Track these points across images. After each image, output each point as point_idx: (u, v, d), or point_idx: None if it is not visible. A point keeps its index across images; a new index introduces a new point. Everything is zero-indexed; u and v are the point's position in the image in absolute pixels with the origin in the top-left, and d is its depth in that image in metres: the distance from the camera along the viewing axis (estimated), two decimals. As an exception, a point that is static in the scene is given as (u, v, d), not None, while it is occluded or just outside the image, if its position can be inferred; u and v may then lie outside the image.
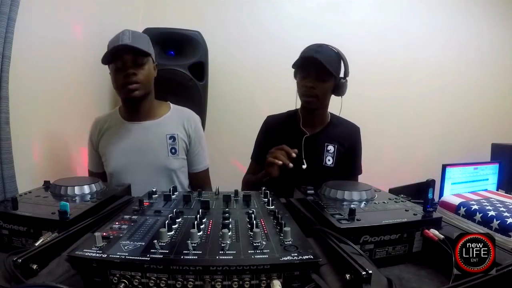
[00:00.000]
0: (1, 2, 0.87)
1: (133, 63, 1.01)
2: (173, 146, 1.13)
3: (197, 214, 0.61)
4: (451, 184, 1.30)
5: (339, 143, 1.19)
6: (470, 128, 2.39)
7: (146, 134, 1.12)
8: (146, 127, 1.13)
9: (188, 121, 1.17)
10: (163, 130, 1.13)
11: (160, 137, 1.12)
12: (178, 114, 1.18)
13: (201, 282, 0.44)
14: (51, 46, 1.22)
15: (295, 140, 1.16)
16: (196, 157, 1.20)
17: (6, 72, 0.90)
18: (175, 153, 1.13)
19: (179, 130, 1.15)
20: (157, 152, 1.11)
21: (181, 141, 1.14)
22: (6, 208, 0.62)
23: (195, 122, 1.19)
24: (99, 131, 1.16)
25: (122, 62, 1.00)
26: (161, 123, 1.14)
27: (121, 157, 1.11)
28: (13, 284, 0.42)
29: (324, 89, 1.10)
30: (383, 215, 0.62)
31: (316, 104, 1.13)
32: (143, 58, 1.03)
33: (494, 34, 2.35)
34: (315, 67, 1.05)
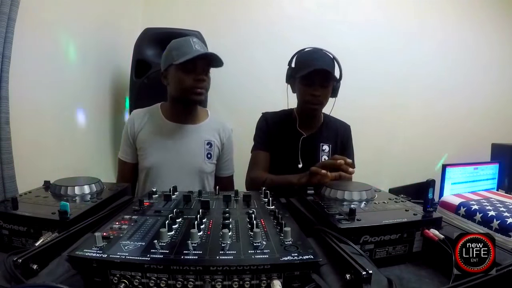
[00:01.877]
0: (1, 2, 0.87)
1: (205, 70, 1.09)
2: (209, 152, 1.20)
3: (197, 214, 0.61)
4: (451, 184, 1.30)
5: (333, 143, 1.24)
6: (470, 128, 2.39)
7: (186, 137, 1.18)
8: (187, 130, 1.19)
9: (223, 130, 1.25)
10: (202, 135, 1.20)
11: (198, 141, 1.19)
12: (215, 122, 1.26)
13: (201, 282, 0.44)
14: (51, 46, 1.22)
15: (292, 141, 1.20)
16: (225, 164, 1.27)
17: (6, 72, 0.90)
18: (210, 158, 1.20)
19: (215, 137, 1.22)
20: (195, 155, 1.17)
21: (216, 147, 1.21)
22: (6, 208, 0.62)
23: (229, 132, 1.27)
24: (139, 123, 1.19)
25: (195, 67, 1.06)
26: (200, 128, 1.21)
27: (161, 154, 1.15)
28: (13, 284, 0.42)
29: (327, 94, 1.15)
30: (383, 215, 0.62)
31: (320, 109, 1.19)
32: (209, 67, 1.11)
33: (494, 34, 2.35)
34: (321, 76, 1.09)
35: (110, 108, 1.82)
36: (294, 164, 1.17)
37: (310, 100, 1.13)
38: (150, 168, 1.15)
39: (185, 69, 1.06)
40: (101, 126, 1.73)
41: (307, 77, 1.10)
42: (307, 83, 1.12)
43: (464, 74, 2.36)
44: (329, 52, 1.14)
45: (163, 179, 1.14)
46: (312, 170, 0.90)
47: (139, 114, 1.21)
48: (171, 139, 1.16)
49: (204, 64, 1.08)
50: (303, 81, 1.12)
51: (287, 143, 1.20)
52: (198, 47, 1.07)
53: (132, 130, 1.19)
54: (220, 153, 1.25)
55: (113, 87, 1.84)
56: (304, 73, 1.08)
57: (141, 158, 1.18)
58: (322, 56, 1.12)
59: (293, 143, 1.19)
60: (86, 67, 1.53)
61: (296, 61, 1.17)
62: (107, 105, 1.79)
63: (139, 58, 1.70)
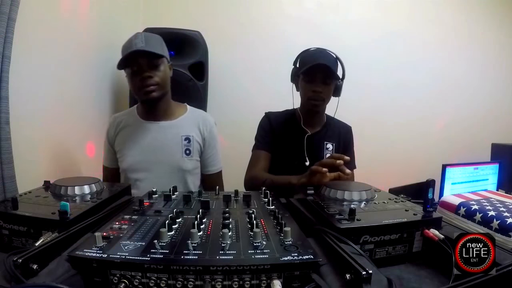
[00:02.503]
0: (1, 2, 0.87)
1: (149, 66, 1.04)
2: (187, 147, 1.15)
3: (197, 214, 0.61)
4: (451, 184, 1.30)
5: (336, 142, 1.26)
6: (470, 128, 2.39)
7: (162, 134, 1.14)
8: (162, 127, 1.15)
9: (203, 123, 1.19)
10: (178, 131, 1.16)
11: (175, 137, 1.15)
12: (194, 116, 1.21)
13: (201, 282, 0.44)
14: (51, 46, 1.22)
15: (297, 138, 1.21)
16: (209, 159, 1.21)
17: (6, 72, 0.90)
18: (189, 154, 1.15)
19: (194, 131, 1.17)
20: (171, 152, 1.14)
21: (195, 142, 1.16)
22: (6, 208, 0.62)
23: (211, 124, 1.21)
24: (116, 128, 1.18)
25: (137, 66, 1.03)
26: (177, 124, 1.17)
27: (137, 154, 1.13)
28: (13, 284, 0.42)
29: (329, 92, 1.15)
30: (383, 215, 0.62)
31: (322, 106, 1.19)
32: (157, 60, 1.05)
33: (494, 34, 2.35)
34: (322, 72, 1.10)
35: (110, 108, 1.82)
36: (300, 162, 1.18)
37: (312, 97, 1.14)
38: (127, 170, 1.14)
39: (131, 70, 1.04)
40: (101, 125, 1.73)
41: (308, 73, 1.12)
42: (309, 79, 1.13)
43: (465, 74, 2.36)
44: (332, 52, 1.16)
45: (141, 179, 1.12)
46: (313, 169, 0.89)
47: (116, 119, 1.20)
48: (146, 139, 1.14)
49: (146, 60, 1.03)
50: (305, 78, 1.14)
51: (292, 141, 1.21)
52: (141, 43, 1.01)
53: (110, 135, 1.19)
54: (203, 148, 1.20)
55: (113, 87, 1.84)
56: (306, 68, 1.10)
57: (119, 161, 1.17)
58: (324, 54, 1.13)
59: (298, 141, 1.20)
60: (86, 67, 1.53)
61: (300, 60, 1.19)
62: (107, 105, 1.79)
63: (139, 58, 1.70)
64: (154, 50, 1.02)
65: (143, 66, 1.03)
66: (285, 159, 1.20)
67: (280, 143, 1.21)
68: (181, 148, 1.14)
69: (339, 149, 1.26)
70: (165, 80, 1.10)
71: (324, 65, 1.07)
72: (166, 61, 1.10)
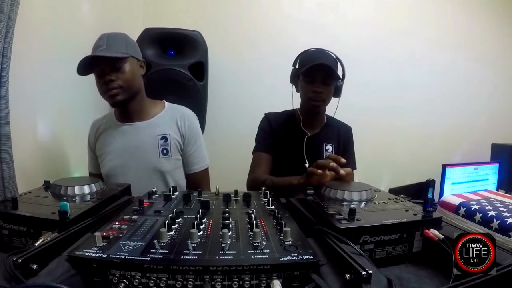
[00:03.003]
0: (1, 2, 0.87)
1: (111, 68, 1.00)
2: (164, 147, 1.10)
3: (197, 214, 0.61)
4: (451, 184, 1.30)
5: (336, 143, 1.25)
6: (470, 128, 2.39)
7: (137, 135, 1.11)
8: (137, 128, 1.12)
9: (181, 119, 1.13)
10: (154, 130, 1.11)
11: (151, 137, 1.10)
12: (171, 112, 1.15)
13: (201, 282, 0.44)
14: (51, 46, 1.22)
15: (297, 140, 1.20)
16: (191, 157, 1.15)
17: (6, 72, 0.91)
18: (166, 154, 1.10)
19: (171, 129, 1.12)
20: (147, 153, 1.10)
21: (174, 141, 1.11)
22: (6, 208, 0.62)
23: (189, 119, 1.15)
24: (95, 133, 1.17)
25: (99, 70, 1.00)
26: (152, 123, 1.12)
27: (115, 158, 1.11)
28: (13, 284, 0.42)
29: (329, 92, 1.15)
30: (383, 215, 0.62)
31: (322, 107, 1.18)
32: (119, 62, 1.01)
33: (494, 34, 2.35)
34: (323, 72, 1.09)
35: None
36: (300, 163, 1.18)
37: (312, 97, 1.13)
38: (107, 174, 1.11)
39: (96, 75, 1.02)
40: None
41: (309, 73, 1.11)
42: (309, 80, 1.13)
43: (465, 75, 2.36)
44: (332, 52, 1.15)
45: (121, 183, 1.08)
46: (309, 171, 0.89)
47: (95, 124, 1.19)
48: (123, 141, 1.11)
49: (108, 63, 0.99)
50: (305, 78, 1.13)
51: (291, 142, 1.20)
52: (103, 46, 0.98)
53: (90, 141, 1.18)
54: (183, 146, 1.13)
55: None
56: (306, 68, 1.09)
57: (101, 166, 1.15)
58: (324, 55, 1.13)
59: (298, 143, 1.19)
60: (86, 67, 1.53)
61: (299, 60, 1.18)
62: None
63: (139, 58, 1.70)
64: (113, 54, 0.98)
65: (104, 70, 1.00)
66: (285, 160, 1.20)
67: (279, 145, 1.21)
68: (157, 148, 1.10)
69: (338, 150, 1.25)
70: (131, 81, 1.05)
71: (324, 65, 1.07)
72: (135, 59, 1.07)
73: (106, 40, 0.99)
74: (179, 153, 1.14)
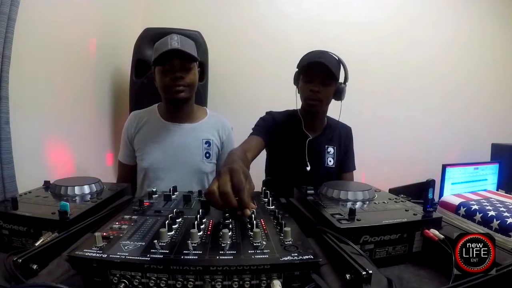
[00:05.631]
0: (1, 2, 0.87)
1: (181, 66, 1.06)
2: (207, 151, 1.18)
3: (197, 214, 0.61)
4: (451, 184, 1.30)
5: (337, 144, 1.25)
6: (470, 128, 2.39)
7: (184, 136, 1.17)
8: (184, 129, 1.18)
9: (223, 128, 1.23)
10: (199, 134, 1.18)
11: (196, 140, 1.17)
12: (214, 120, 1.24)
13: (201, 282, 0.44)
14: (51, 46, 1.22)
15: (298, 142, 1.19)
16: None
17: (6, 72, 0.90)
18: (209, 157, 1.18)
19: (214, 136, 1.20)
20: (193, 154, 1.16)
21: (215, 146, 1.20)
22: (6, 208, 0.62)
23: (229, 130, 1.25)
24: (136, 125, 1.19)
25: (170, 65, 1.05)
26: (198, 127, 1.19)
27: (158, 154, 1.14)
28: (13, 284, 0.42)
29: (327, 93, 1.13)
30: (383, 215, 0.62)
31: (319, 107, 1.16)
32: (190, 63, 1.07)
33: (494, 35, 2.35)
34: (320, 71, 1.08)
35: (110, 108, 1.82)
36: (301, 166, 1.18)
37: (308, 96, 1.12)
38: (147, 169, 1.15)
39: (163, 68, 1.06)
40: (101, 126, 1.73)
41: (307, 72, 1.11)
42: (307, 79, 1.12)
43: (465, 75, 2.36)
44: (335, 55, 1.14)
45: (161, 179, 1.14)
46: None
47: (136, 116, 1.21)
48: (168, 139, 1.16)
49: (180, 60, 1.05)
50: (304, 78, 1.13)
51: (293, 145, 1.19)
52: (176, 44, 1.03)
53: (129, 132, 1.19)
54: (220, 152, 1.23)
55: (113, 87, 1.84)
56: (303, 65, 1.09)
57: (139, 159, 1.18)
58: (325, 55, 1.11)
59: (300, 145, 1.19)
60: (87, 67, 1.53)
61: (300, 60, 1.17)
62: (107, 105, 1.79)
63: (139, 58, 1.70)
64: (190, 52, 1.04)
65: (175, 66, 1.05)
66: (287, 163, 1.20)
67: (281, 146, 1.20)
68: (201, 151, 1.17)
69: (340, 152, 1.25)
70: (195, 84, 1.12)
71: (322, 64, 1.05)
72: (197, 66, 1.13)
73: (180, 40, 1.05)
74: (216, 158, 1.23)
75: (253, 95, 2.19)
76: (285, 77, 1.26)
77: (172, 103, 1.15)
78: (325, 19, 2.21)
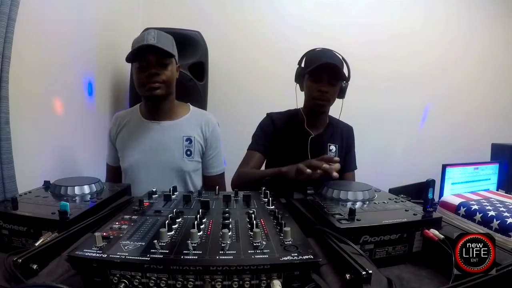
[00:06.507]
0: (1, 2, 0.87)
1: (157, 63, 1.03)
2: (188, 148, 1.14)
3: (197, 214, 0.61)
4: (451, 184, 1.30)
5: (339, 143, 1.24)
6: (470, 128, 2.39)
7: (163, 134, 1.13)
8: (164, 127, 1.14)
9: (206, 123, 1.18)
10: (180, 131, 1.14)
11: (176, 138, 1.14)
12: (196, 116, 1.19)
13: (201, 282, 0.44)
14: (51, 46, 1.22)
15: (301, 140, 1.19)
16: (211, 161, 1.20)
17: (6, 72, 0.90)
18: (190, 155, 1.14)
19: (196, 132, 1.16)
20: (172, 152, 1.13)
21: (197, 143, 1.15)
22: (6, 208, 0.62)
23: (213, 125, 1.20)
24: (118, 126, 1.18)
25: (146, 62, 1.02)
26: (179, 124, 1.16)
27: (137, 154, 1.13)
28: (13, 284, 0.42)
29: (334, 93, 1.14)
30: (383, 215, 0.62)
31: (327, 107, 1.17)
32: (166, 58, 1.04)
33: (494, 34, 2.35)
34: (329, 72, 1.08)
35: (110, 108, 1.82)
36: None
37: (317, 96, 1.12)
38: (127, 169, 1.14)
39: (139, 65, 1.03)
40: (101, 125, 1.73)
41: (315, 73, 1.10)
42: (315, 79, 1.11)
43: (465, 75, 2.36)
44: (338, 53, 1.14)
45: (141, 179, 1.12)
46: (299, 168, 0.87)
47: (118, 117, 1.20)
48: (148, 138, 1.13)
49: (155, 56, 1.02)
50: (311, 77, 1.12)
51: (295, 143, 1.19)
52: (152, 39, 1.00)
53: (112, 134, 1.19)
54: (204, 149, 1.18)
55: (113, 86, 1.84)
56: (313, 67, 1.08)
57: (120, 161, 1.17)
58: (331, 55, 1.12)
59: (302, 143, 1.18)
60: (86, 67, 1.53)
61: (306, 59, 1.17)
62: (107, 105, 1.79)
63: (139, 58, 1.70)
64: (165, 48, 1.01)
65: (151, 62, 1.02)
66: (288, 161, 1.19)
67: (283, 145, 1.20)
68: (182, 149, 1.13)
69: (342, 150, 1.25)
70: (171, 80, 1.09)
71: (332, 64, 1.05)
72: (175, 62, 1.09)
73: (156, 36, 1.01)
74: (200, 156, 1.18)
75: (253, 95, 2.19)
76: (285, 77, 1.26)
77: (149, 100, 1.12)
78: (325, 19, 2.21)
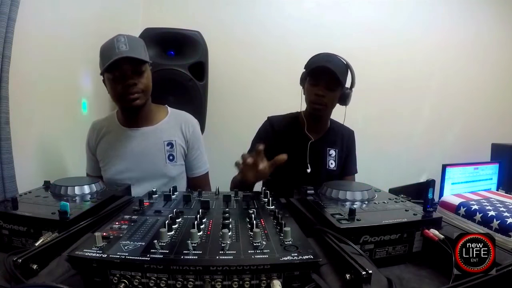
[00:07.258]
0: (1, 2, 0.87)
1: (132, 71, 0.97)
2: (171, 153, 1.11)
3: (197, 214, 0.61)
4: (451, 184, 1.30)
5: (339, 147, 1.24)
6: (470, 128, 2.39)
7: (144, 141, 1.10)
8: (143, 133, 1.11)
9: (185, 125, 1.14)
10: (160, 136, 1.11)
11: (157, 143, 1.10)
12: (175, 118, 1.16)
13: (201, 282, 0.44)
14: (51, 46, 1.22)
15: (300, 144, 1.19)
16: (194, 161, 1.17)
17: (6, 72, 0.91)
18: (173, 160, 1.11)
19: (177, 135, 1.13)
20: (155, 159, 1.09)
21: (179, 146, 1.12)
22: (6, 208, 0.62)
23: (193, 125, 1.16)
24: (96, 136, 1.14)
25: (120, 72, 0.96)
26: (158, 128, 1.12)
27: (120, 163, 1.09)
28: (13, 284, 0.42)
29: (332, 98, 1.12)
30: (383, 215, 0.62)
31: (323, 112, 1.15)
32: (142, 66, 0.99)
33: (494, 34, 2.35)
34: (326, 76, 1.07)
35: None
36: (302, 168, 1.17)
37: (314, 100, 1.11)
38: (111, 179, 1.08)
39: (113, 76, 0.97)
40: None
41: (313, 76, 1.10)
42: (313, 83, 1.11)
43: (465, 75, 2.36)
44: (343, 59, 1.13)
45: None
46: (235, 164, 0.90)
47: (95, 127, 1.15)
48: (128, 146, 1.09)
49: (130, 66, 0.96)
50: (310, 80, 1.12)
51: (294, 147, 1.18)
52: (124, 47, 0.94)
53: (91, 145, 1.14)
54: (187, 151, 1.15)
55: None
56: (310, 69, 1.08)
57: (102, 171, 1.12)
58: (333, 59, 1.09)
59: (301, 147, 1.18)
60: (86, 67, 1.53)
61: (308, 62, 1.16)
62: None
63: (139, 58, 1.70)
64: (139, 56, 0.95)
65: (126, 72, 0.96)
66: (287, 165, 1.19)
67: (282, 149, 1.19)
68: (164, 154, 1.10)
69: (342, 155, 1.24)
70: (149, 87, 1.04)
71: (328, 69, 1.04)
72: (149, 66, 1.04)
73: (128, 42, 0.95)
74: (183, 158, 1.15)
75: (253, 95, 2.19)
76: (285, 77, 1.26)
77: (128, 111, 1.08)
78: (325, 19, 2.20)
